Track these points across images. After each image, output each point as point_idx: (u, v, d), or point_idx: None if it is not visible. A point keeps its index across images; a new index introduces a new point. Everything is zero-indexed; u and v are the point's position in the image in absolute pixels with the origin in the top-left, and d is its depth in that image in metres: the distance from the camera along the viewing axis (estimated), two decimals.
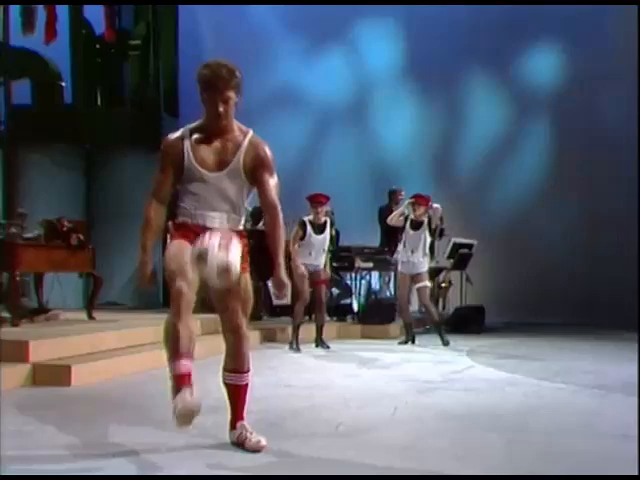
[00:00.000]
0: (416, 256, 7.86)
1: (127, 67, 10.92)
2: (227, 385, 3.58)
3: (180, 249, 3.27)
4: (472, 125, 11.96)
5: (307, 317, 8.22)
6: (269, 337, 8.30)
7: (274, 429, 3.98)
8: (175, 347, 3.20)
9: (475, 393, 5.16)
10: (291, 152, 11.91)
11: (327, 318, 8.36)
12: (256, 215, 10.24)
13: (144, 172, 9.01)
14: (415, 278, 7.87)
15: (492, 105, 11.89)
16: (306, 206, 7.94)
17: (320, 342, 7.79)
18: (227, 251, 3.13)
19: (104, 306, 8.91)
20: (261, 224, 10.27)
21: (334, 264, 7.95)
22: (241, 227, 3.48)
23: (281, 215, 3.45)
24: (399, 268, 8.11)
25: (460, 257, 10.11)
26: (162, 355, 6.14)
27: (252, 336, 7.87)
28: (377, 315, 8.83)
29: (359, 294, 8.21)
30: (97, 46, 10.68)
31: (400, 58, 12.17)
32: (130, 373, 5.69)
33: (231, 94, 3.30)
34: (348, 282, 9.28)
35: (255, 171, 3.38)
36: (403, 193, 10.28)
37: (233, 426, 3.53)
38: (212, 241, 3.13)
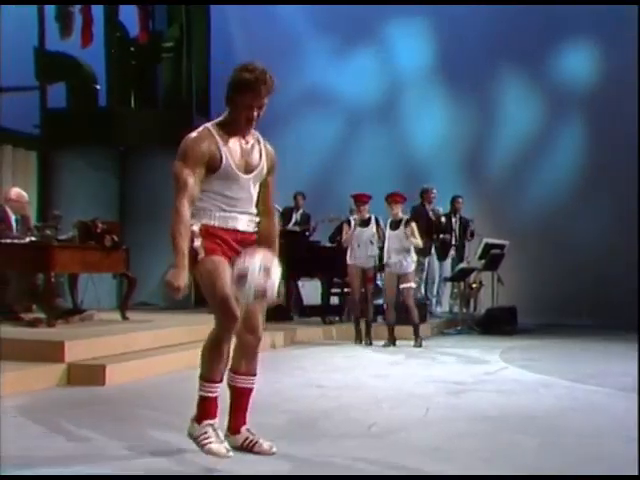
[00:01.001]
0: (400, 257, 7.87)
1: (160, 69, 11.03)
2: (236, 388, 3.40)
3: (223, 268, 3.18)
4: (504, 124, 11.87)
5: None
6: (299, 337, 8.32)
7: (306, 430, 4.00)
8: (217, 372, 3.24)
9: (507, 395, 5.13)
10: (322, 152, 11.94)
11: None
12: (287, 215, 10.33)
13: None
14: (401, 278, 7.92)
15: (524, 104, 11.78)
16: (337, 205, 8.11)
17: (367, 338, 8.05)
18: (267, 275, 3.11)
19: (137, 306, 9.01)
20: (291, 224, 10.38)
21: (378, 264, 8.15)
22: (256, 229, 3.41)
23: None
24: (385, 268, 8.12)
25: (492, 258, 10.04)
26: (194, 355, 6.21)
27: (281, 337, 8.03)
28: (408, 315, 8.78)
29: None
30: (131, 49, 10.81)
31: (431, 57, 12.12)
32: (163, 373, 5.74)
33: (266, 101, 3.28)
34: (379, 282, 9.26)
35: (267, 175, 3.41)
36: (435, 191, 10.26)
37: (236, 431, 3.40)
38: (253, 263, 3.09)
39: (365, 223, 8.02)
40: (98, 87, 10.21)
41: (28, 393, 4.83)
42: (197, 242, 3.21)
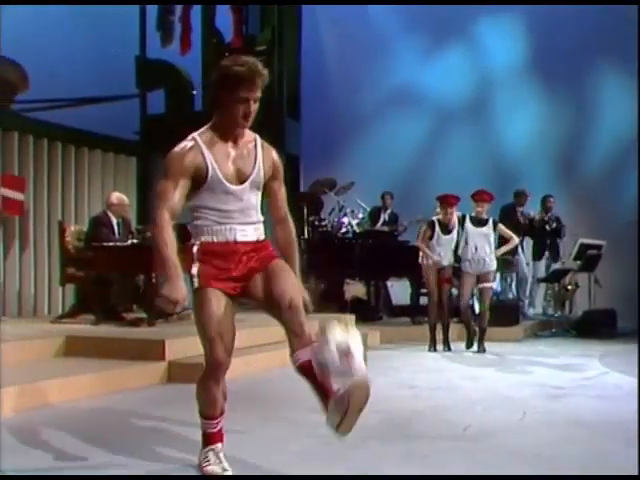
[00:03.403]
0: (482, 254, 7.49)
1: None
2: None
3: (216, 304, 2.98)
4: (599, 123, 11.49)
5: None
6: (389, 337, 8.32)
7: (399, 430, 4.02)
8: (212, 410, 3.16)
9: (608, 400, 4.98)
10: (410, 151, 11.88)
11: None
12: (375, 215, 10.35)
13: None
14: (481, 278, 7.55)
15: (621, 102, 11.36)
16: (426, 205, 7.95)
17: (445, 343, 7.67)
18: (350, 357, 2.73)
19: None
20: (379, 224, 10.39)
21: (455, 264, 7.86)
22: (263, 236, 3.12)
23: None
24: (463, 267, 7.68)
25: (589, 258, 9.75)
26: (287, 355, 6.32)
27: (373, 337, 8.03)
28: (500, 317, 8.65)
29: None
30: (226, 54, 11.08)
31: (522, 55, 11.86)
32: (258, 371, 5.84)
33: (260, 95, 3.00)
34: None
35: (269, 180, 3.12)
36: (528, 194, 10.07)
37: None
38: (330, 351, 2.73)
39: (449, 229, 7.63)
40: (195, 92, 10.50)
41: (131, 391, 5.03)
42: (194, 269, 3.02)
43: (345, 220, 9.88)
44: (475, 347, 7.54)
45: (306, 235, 10.26)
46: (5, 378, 4.44)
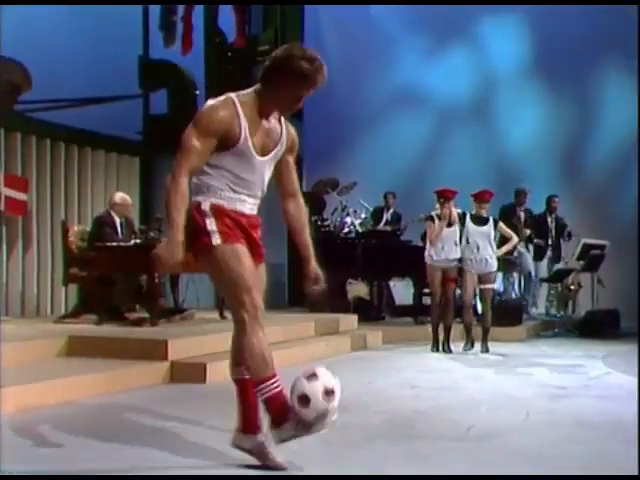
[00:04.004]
0: (483, 254, 7.40)
1: (255, 72, 11.23)
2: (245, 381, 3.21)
3: (246, 258, 2.98)
4: (603, 124, 11.47)
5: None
6: (391, 337, 8.31)
7: (402, 430, 4.01)
8: (270, 363, 2.97)
9: (611, 401, 4.97)
10: (413, 151, 11.87)
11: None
12: (377, 215, 10.34)
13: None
14: (482, 278, 7.46)
15: (624, 103, 11.33)
16: (428, 204, 7.95)
17: (446, 344, 7.52)
18: (331, 398, 2.87)
19: None
20: (382, 224, 10.38)
21: (459, 264, 7.78)
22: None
23: None
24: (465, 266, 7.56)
25: (592, 258, 9.74)
26: (291, 354, 6.32)
27: (374, 337, 8.02)
28: (502, 317, 8.65)
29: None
30: (229, 54, 11.09)
31: (525, 56, 11.85)
32: None
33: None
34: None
35: (285, 153, 3.13)
36: (528, 192, 10.06)
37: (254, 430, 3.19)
38: (316, 386, 2.86)
39: (449, 223, 7.54)
40: (197, 92, 10.49)
41: (133, 390, 5.03)
42: (211, 225, 2.95)
43: (348, 220, 9.88)
44: (476, 348, 7.50)
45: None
46: (7, 378, 4.44)
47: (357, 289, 9.81)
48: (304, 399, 2.85)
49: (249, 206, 3.07)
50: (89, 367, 5.21)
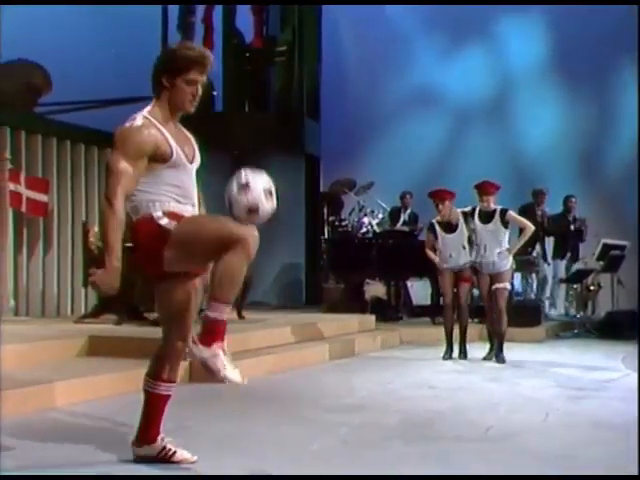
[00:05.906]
0: (493, 253, 6.85)
1: (272, 72, 11.26)
2: (155, 395, 3.46)
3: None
4: (621, 123, 11.38)
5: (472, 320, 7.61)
6: (409, 338, 8.30)
7: (420, 430, 4.01)
8: (236, 291, 3.10)
9: (631, 402, 4.91)
10: (430, 152, 11.84)
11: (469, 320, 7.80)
12: (394, 215, 10.33)
13: (287, 174, 9.30)
14: (494, 278, 6.90)
15: None
16: None
17: (462, 347, 7.08)
18: (270, 198, 3.05)
19: (250, 305, 9.25)
20: (399, 224, 10.37)
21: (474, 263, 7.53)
22: None
23: None
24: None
25: (612, 259, 9.66)
26: (306, 355, 6.32)
27: (392, 337, 8.02)
28: (521, 317, 8.60)
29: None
30: (247, 54, 11.13)
31: (543, 55, 11.79)
32: (277, 370, 5.87)
33: (205, 79, 3.09)
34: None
35: None
36: (546, 193, 10.01)
37: (153, 440, 3.29)
38: (258, 181, 3.06)
39: (451, 228, 6.98)
40: (215, 93, 10.53)
41: None
42: (164, 220, 2.98)
43: (365, 220, 9.88)
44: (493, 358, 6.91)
45: (326, 235, 10.27)
46: (27, 377, 4.49)
47: (375, 289, 9.80)
48: (244, 188, 3.02)
49: (194, 214, 3.13)
50: (109, 367, 5.25)
